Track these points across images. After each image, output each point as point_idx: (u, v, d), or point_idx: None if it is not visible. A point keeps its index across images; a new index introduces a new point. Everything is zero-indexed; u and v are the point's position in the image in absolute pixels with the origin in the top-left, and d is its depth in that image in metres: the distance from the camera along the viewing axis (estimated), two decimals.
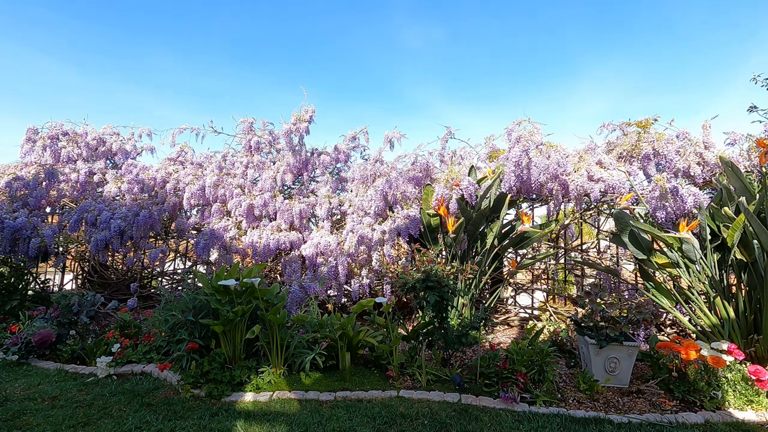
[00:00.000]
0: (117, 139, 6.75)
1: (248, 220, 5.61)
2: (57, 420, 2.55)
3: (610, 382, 3.13)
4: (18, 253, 5.25)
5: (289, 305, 4.60)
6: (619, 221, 3.93)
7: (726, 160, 3.66)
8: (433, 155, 5.89)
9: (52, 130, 6.42)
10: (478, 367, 3.17)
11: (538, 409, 2.71)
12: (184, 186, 5.82)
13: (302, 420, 2.56)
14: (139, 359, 3.57)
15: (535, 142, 4.65)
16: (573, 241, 5.75)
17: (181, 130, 6.60)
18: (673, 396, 2.94)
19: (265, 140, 6.32)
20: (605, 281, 4.84)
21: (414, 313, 5.27)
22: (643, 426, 2.52)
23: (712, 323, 3.54)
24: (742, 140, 4.64)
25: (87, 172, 6.02)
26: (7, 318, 4.62)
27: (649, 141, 4.80)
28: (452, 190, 4.72)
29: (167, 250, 5.96)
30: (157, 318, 3.82)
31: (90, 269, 6.44)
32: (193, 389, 2.98)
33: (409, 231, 4.93)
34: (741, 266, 3.58)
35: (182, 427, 2.48)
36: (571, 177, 4.43)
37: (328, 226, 5.41)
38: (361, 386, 3.09)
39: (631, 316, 3.28)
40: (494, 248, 4.73)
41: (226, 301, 3.26)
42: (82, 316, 4.01)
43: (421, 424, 2.52)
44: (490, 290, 5.36)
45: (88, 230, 5.39)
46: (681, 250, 3.60)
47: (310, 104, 5.84)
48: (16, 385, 3.10)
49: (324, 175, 6.16)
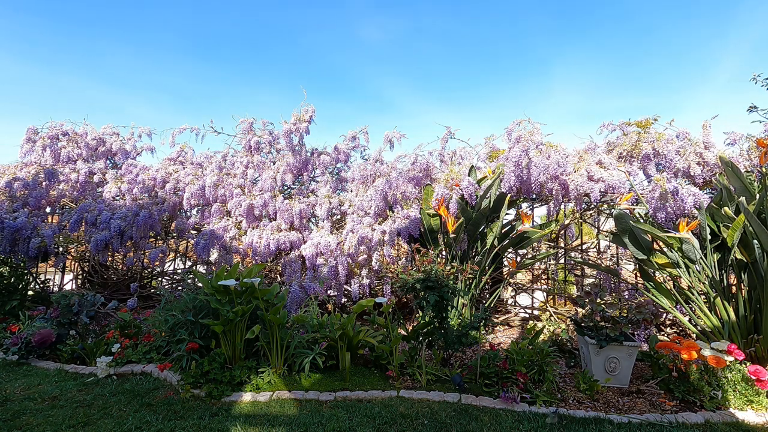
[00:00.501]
0: (117, 139, 6.75)
1: (248, 220, 5.61)
2: (57, 420, 2.55)
3: (610, 382, 3.13)
4: (18, 253, 5.25)
5: (289, 305, 4.60)
6: (619, 221, 3.93)
7: (726, 160, 3.66)
8: (433, 155, 5.89)
9: (52, 130, 6.42)
10: (478, 367, 3.17)
11: (538, 409, 2.71)
12: (184, 186, 5.82)
13: (302, 420, 2.56)
14: (139, 359, 3.57)
15: (535, 142, 4.64)
16: (573, 241, 5.75)
17: (181, 130, 6.60)
18: (673, 396, 2.94)
19: (265, 140, 6.32)
20: (605, 281, 4.84)
21: (414, 313, 5.27)
22: (643, 426, 2.52)
23: (712, 323, 3.54)
24: (742, 140, 4.64)
25: (87, 172, 6.02)
26: (7, 318, 4.63)
27: (649, 141, 4.80)
28: (452, 190, 4.72)
29: (167, 250, 5.96)
30: (157, 318, 3.82)
31: (90, 269, 6.44)
32: (193, 389, 2.98)
33: (409, 231, 4.93)
34: (741, 266, 3.57)
35: (182, 427, 2.48)
36: (571, 177, 4.42)
37: (328, 226, 5.41)
38: (361, 386, 3.09)
39: (631, 316, 3.28)
40: (494, 248, 4.73)
41: (226, 301, 3.26)
42: (82, 316, 4.01)
43: (421, 424, 2.52)
44: (490, 290, 5.36)
45: (88, 230, 5.39)
46: (681, 250, 3.60)
47: (310, 104, 5.84)
48: (16, 385, 3.10)
49: (324, 175, 6.16)
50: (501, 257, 4.99)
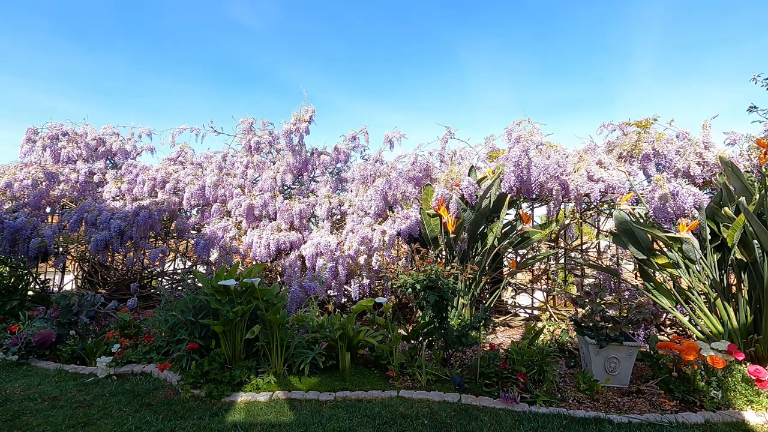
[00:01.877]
0: (117, 139, 6.75)
1: (248, 220, 5.61)
2: (57, 420, 2.55)
3: (610, 382, 3.13)
4: (18, 253, 5.25)
5: (289, 305, 4.60)
6: (619, 221, 3.93)
7: (726, 160, 3.66)
8: (433, 155, 5.89)
9: (52, 130, 6.42)
10: (478, 367, 3.17)
11: (538, 409, 2.71)
12: (184, 186, 5.82)
13: (302, 420, 2.56)
14: (139, 359, 3.57)
15: (534, 142, 4.65)
16: (573, 241, 5.75)
17: (180, 130, 6.61)
18: (673, 396, 2.94)
19: (265, 140, 6.33)
20: (605, 281, 4.84)
21: (414, 313, 5.27)
22: (643, 426, 2.52)
23: (712, 323, 3.54)
24: (742, 140, 4.64)
25: (87, 172, 6.02)
26: (7, 318, 4.62)
27: (649, 141, 4.80)
28: (452, 190, 4.72)
29: (167, 250, 5.95)
30: (157, 318, 3.82)
31: (90, 269, 6.44)
32: (193, 389, 2.98)
33: (409, 231, 4.93)
34: (741, 266, 3.57)
35: (182, 427, 2.48)
36: (571, 177, 4.43)
37: (328, 226, 5.41)
38: (361, 386, 3.09)
39: (631, 316, 3.28)
40: (494, 248, 4.73)
41: (226, 301, 3.26)
42: (82, 316, 4.01)
43: (421, 424, 2.52)
44: (490, 290, 5.36)
45: (88, 230, 5.39)
46: (681, 250, 3.60)
47: (310, 104, 5.85)
48: (16, 385, 3.10)
49: (324, 175, 6.16)
50: (501, 257, 4.99)
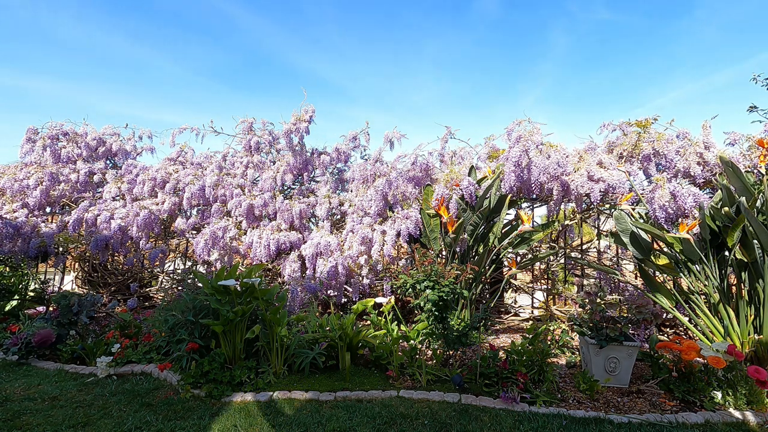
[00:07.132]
0: (117, 139, 6.76)
1: (248, 221, 5.61)
2: (57, 420, 2.55)
3: (610, 382, 3.13)
4: (18, 253, 5.25)
5: (289, 305, 4.60)
6: (619, 221, 3.93)
7: (726, 160, 3.66)
8: (433, 155, 5.89)
9: (52, 130, 6.42)
10: (478, 367, 3.17)
11: (538, 409, 2.71)
12: (184, 186, 5.82)
13: (302, 420, 2.56)
14: (139, 359, 3.57)
15: (535, 142, 4.64)
16: (573, 241, 5.75)
17: (181, 130, 6.61)
18: (673, 396, 2.94)
19: (265, 140, 6.33)
20: (605, 281, 4.84)
21: (414, 313, 5.27)
22: (643, 426, 2.52)
23: (712, 323, 3.53)
24: (742, 140, 4.64)
25: (87, 172, 6.02)
26: (7, 318, 4.62)
27: (649, 141, 4.80)
28: (452, 190, 4.72)
29: (167, 250, 5.96)
30: (157, 318, 3.82)
31: (90, 269, 6.44)
32: (193, 389, 2.98)
33: (409, 231, 4.93)
34: (741, 266, 3.57)
35: (182, 427, 2.48)
36: (571, 177, 4.42)
37: (328, 226, 5.41)
38: (361, 386, 3.09)
39: (631, 316, 3.28)
40: (494, 248, 4.73)
41: (226, 302, 3.26)
42: (82, 316, 4.01)
43: (421, 424, 2.52)
44: (490, 290, 5.36)
45: (88, 230, 5.39)
46: (681, 251, 3.60)
47: (310, 104, 5.85)
48: (16, 385, 3.10)
49: (324, 175, 6.16)
50: (501, 257, 4.99)
